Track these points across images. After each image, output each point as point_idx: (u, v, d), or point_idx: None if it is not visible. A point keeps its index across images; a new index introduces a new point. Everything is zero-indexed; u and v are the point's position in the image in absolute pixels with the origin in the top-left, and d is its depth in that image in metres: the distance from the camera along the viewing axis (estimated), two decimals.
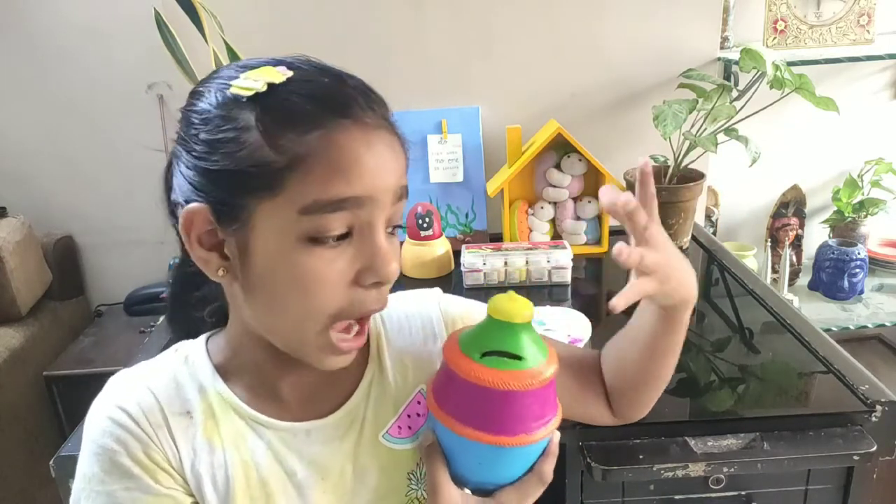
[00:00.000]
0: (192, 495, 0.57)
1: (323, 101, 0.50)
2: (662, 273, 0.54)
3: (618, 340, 0.67)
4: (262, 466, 0.58)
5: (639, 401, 0.68)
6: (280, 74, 0.51)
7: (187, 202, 0.52)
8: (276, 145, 0.48)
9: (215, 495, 0.56)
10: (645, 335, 0.62)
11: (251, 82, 0.50)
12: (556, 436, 0.58)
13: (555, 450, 0.58)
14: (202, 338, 0.62)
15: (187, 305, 0.66)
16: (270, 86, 0.50)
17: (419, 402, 0.63)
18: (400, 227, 0.56)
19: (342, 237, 0.51)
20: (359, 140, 0.50)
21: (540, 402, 0.54)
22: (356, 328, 0.55)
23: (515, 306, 0.53)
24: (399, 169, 0.53)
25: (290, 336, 0.54)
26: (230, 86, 0.51)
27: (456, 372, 0.53)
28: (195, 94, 0.54)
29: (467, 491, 0.57)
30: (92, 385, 0.59)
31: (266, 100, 0.50)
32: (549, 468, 0.57)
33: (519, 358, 0.53)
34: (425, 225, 1.36)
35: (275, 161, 0.48)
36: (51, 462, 0.84)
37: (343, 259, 0.51)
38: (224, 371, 0.59)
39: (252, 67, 0.52)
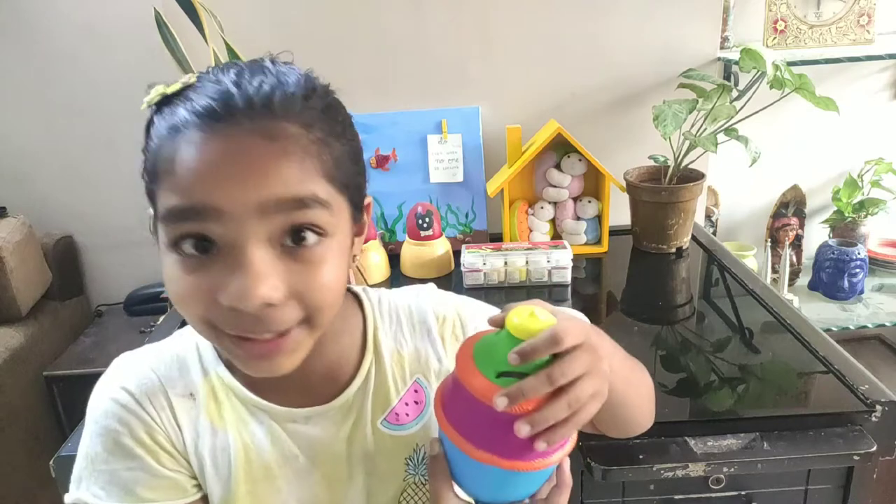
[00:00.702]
0: (194, 477, 0.58)
1: (194, 106, 0.47)
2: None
3: None
4: (263, 450, 0.59)
5: (615, 433, 0.67)
6: (182, 83, 0.50)
7: None
8: (154, 154, 0.49)
9: (217, 477, 0.58)
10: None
11: (151, 94, 0.51)
12: (567, 463, 0.56)
13: (568, 481, 0.56)
14: None
15: None
16: (173, 94, 0.50)
17: (416, 391, 0.65)
18: (308, 229, 0.49)
19: (207, 248, 0.47)
20: (210, 148, 0.46)
21: None
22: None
23: (538, 326, 0.48)
24: (271, 180, 0.46)
25: (206, 338, 0.52)
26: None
27: (470, 390, 0.49)
28: None
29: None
30: (92, 385, 0.59)
31: (163, 109, 0.50)
32: (561, 500, 0.56)
33: None
34: (425, 225, 1.36)
35: (152, 170, 0.50)
36: (51, 462, 0.84)
37: (205, 272, 0.47)
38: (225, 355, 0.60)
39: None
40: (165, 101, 0.50)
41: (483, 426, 0.50)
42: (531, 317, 0.49)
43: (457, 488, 0.56)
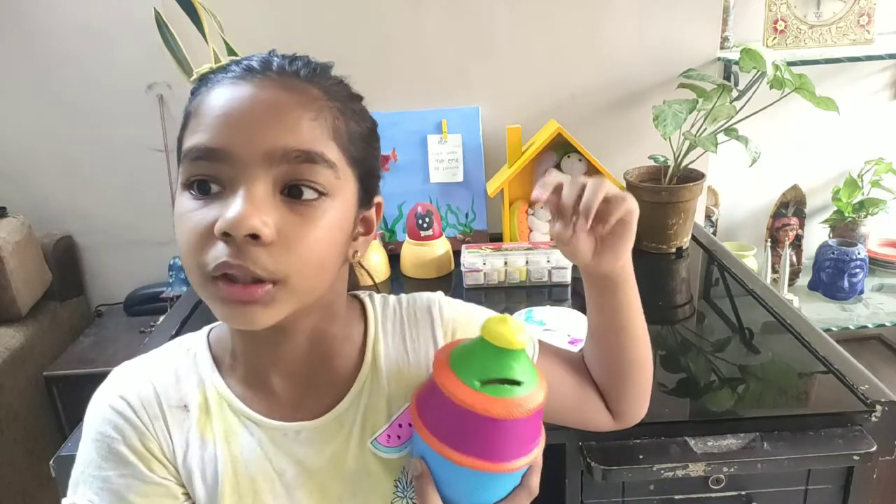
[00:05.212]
0: (183, 486, 0.58)
1: (234, 66, 0.53)
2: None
3: (587, 340, 0.69)
4: (251, 463, 0.58)
5: (628, 394, 0.68)
6: (231, 59, 0.55)
7: None
8: (187, 107, 0.54)
9: (204, 489, 0.58)
10: (597, 327, 0.66)
11: (203, 67, 0.56)
12: (539, 464, 0.59)
13: (539, 462, 0.58)
14: (205, 329, 0.64)
15: None
16: (209, 71, 0.55)
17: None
18: (308, 186, 0.51)
19: (211, 189, 0.50)
20: (228, 95, 0.51)
21: (535, 423, 0.55)
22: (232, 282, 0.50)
23: (513, 331, 0.52)
24: (283, 129, 0.50)
25: (196, 289, 0.52)
26: None
27: (455, 402, 0.52)
28: None
29: None
30: (92, 385, 0.60)
31: (199, 84, 0.55)
32: (536, 481, 0.58)
33: (518, 383, 0.53)
34: (425, 225, 1.36)
35: (183, 121, 0.54)
36: (51, 462, 0.84)
37: (209, 210, 0.49)
38: (222, 363, 0.61)
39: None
40: (212, 73, 0.55)
41: (471, 434, 0.52)
42: (503, 322, 0.52)
43: None
